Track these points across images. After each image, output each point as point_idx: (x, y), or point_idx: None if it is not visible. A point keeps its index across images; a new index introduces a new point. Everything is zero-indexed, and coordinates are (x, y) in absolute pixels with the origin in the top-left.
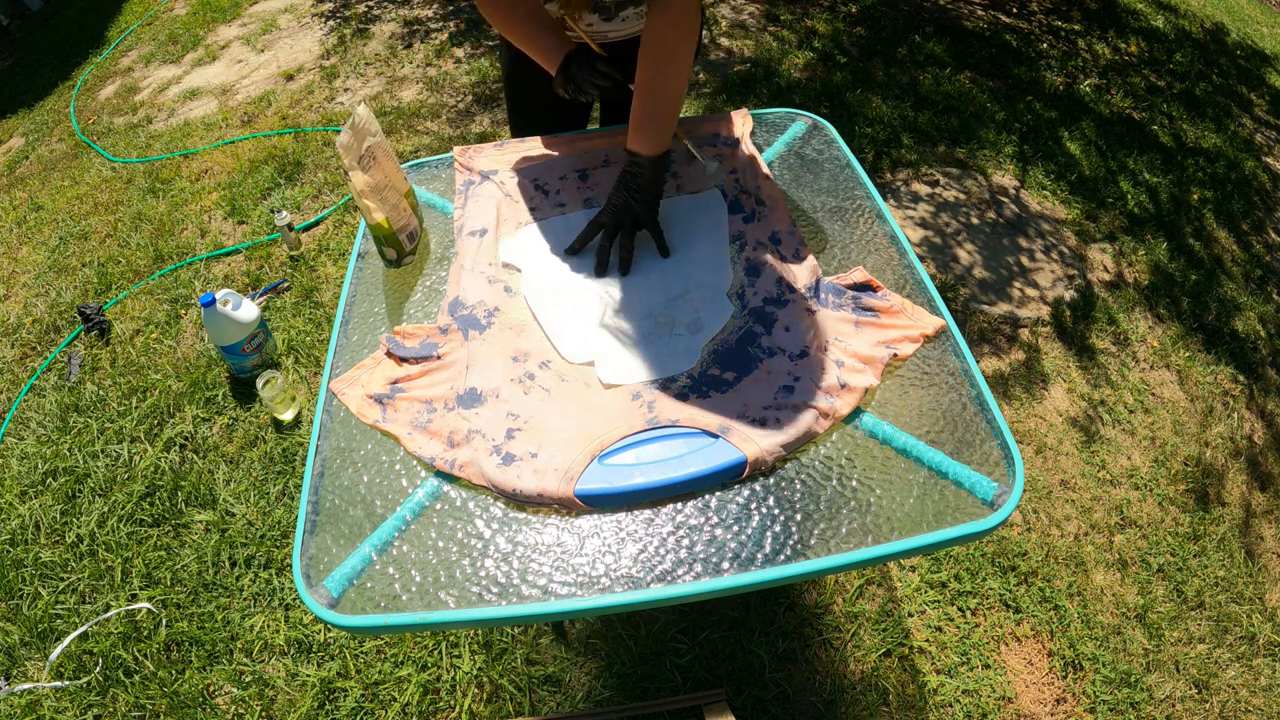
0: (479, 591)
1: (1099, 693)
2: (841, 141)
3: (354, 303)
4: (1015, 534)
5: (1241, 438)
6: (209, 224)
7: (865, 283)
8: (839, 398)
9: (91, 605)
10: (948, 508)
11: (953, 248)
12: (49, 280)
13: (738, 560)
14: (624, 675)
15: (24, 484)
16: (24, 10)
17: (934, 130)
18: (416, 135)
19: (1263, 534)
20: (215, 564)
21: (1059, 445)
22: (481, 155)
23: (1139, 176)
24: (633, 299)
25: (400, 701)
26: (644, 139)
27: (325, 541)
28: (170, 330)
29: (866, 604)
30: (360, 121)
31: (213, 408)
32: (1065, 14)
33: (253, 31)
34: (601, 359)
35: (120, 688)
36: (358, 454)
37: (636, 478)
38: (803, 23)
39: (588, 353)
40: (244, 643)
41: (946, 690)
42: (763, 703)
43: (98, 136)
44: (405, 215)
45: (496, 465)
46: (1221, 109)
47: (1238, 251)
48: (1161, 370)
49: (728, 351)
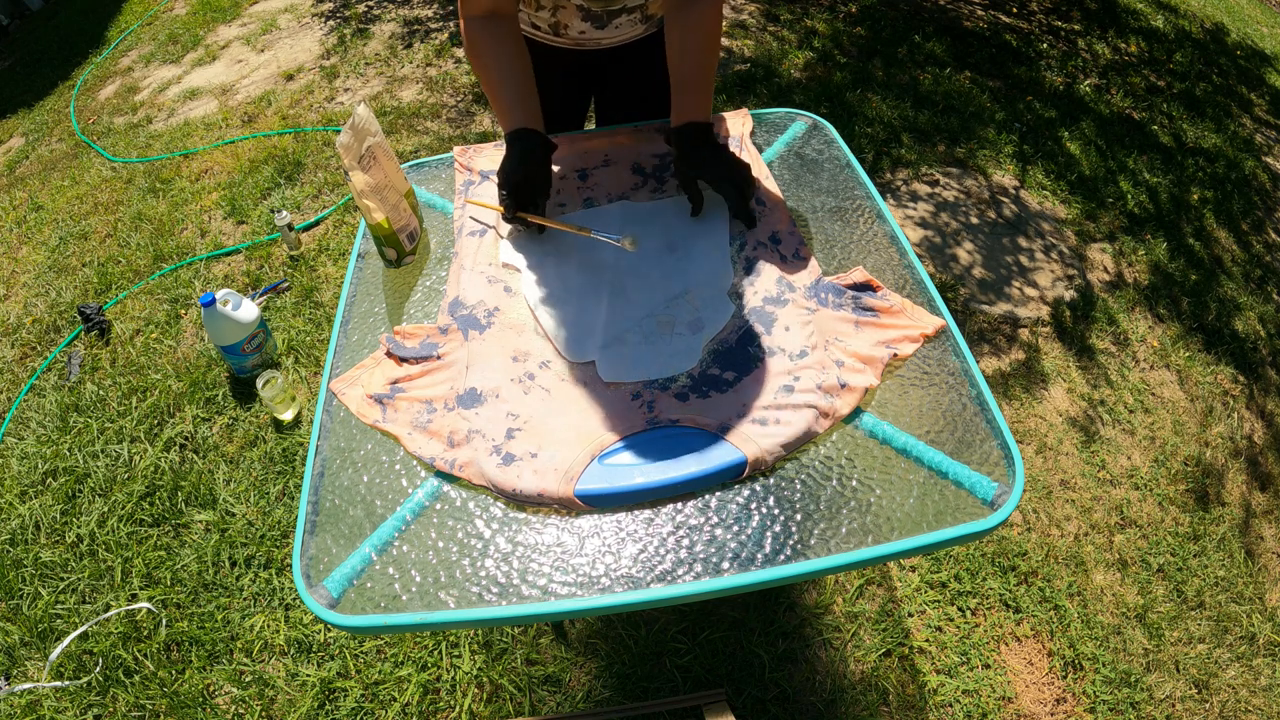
0: (479, 591)
1: (1099, 693)
2: (841, 141)
3: (354, 303)
4: (1015, 534)
5: (1241, 438)
6: (209, 224)
7: (865, 283)
8: (839, 398)
9: (91, 605)
10: (948, 508)
11: (952, 247)
12: (49, 280)
13: (738, 560)
14: (624, 675)
15: (24, 484)
16: (24, 10)
17: (934, 130)
18: (416, 135)
19: (1263, 534)
20: (215, 564)
21: (1059, 445)
22: (481, 155)
23: (1139, 176)
24: (634, 298)
25: (400, 701)
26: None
27: (325, 541)
28: (170, 330)
29: (866, 604)
30: (360, 121)
31: (213, 408)
32: (1065, 14)
33: (253, 31)
34: (602, 357)
35: (120, 688)
36: (358, 454)
37: (636, 478)
38: (802, 22)
39: (588, 351)
40: (244, 643)
41: (946, 690)
42: (763, 703)
43: (98, 136)
44: (405, 215)
45: (496, 465)
46: (1221, 109)
47: (1238, 251)
48: (1161, 370)
49: (728, 351)
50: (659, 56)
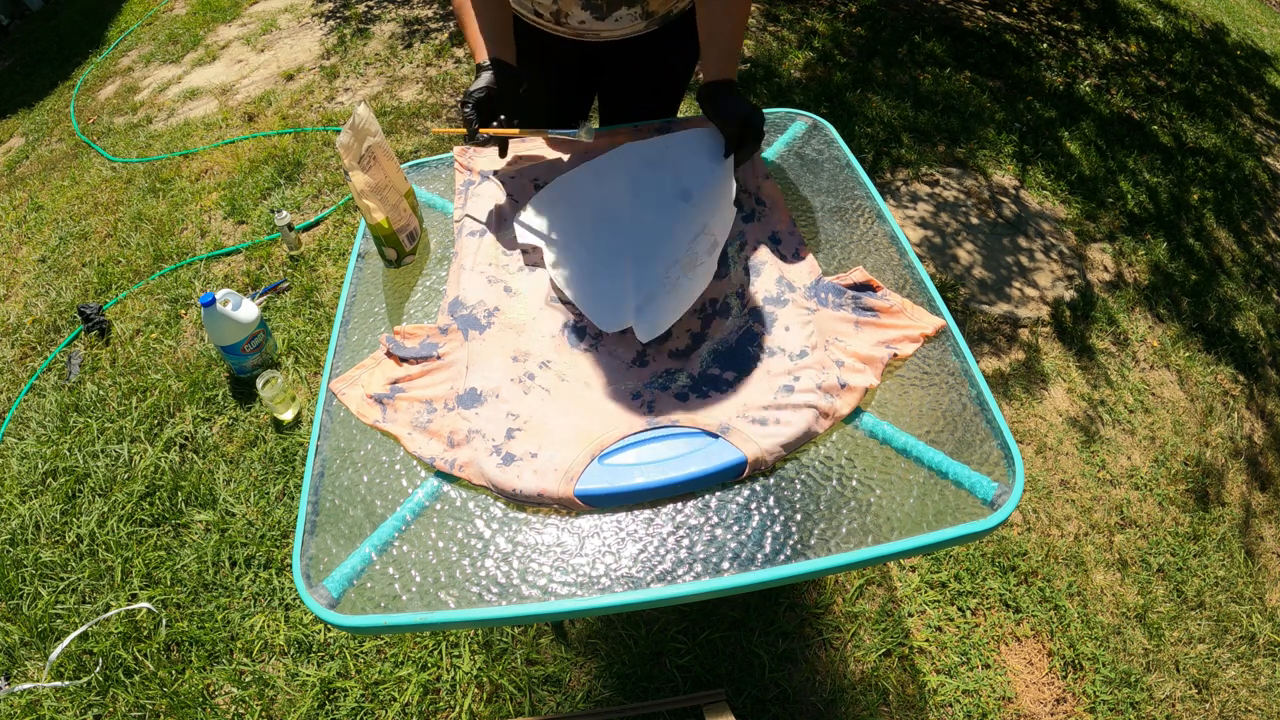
0: (479, 591)
1: (1099, 693)
2: (841, 141)
3: (354, 303)
4: (1015, 534)
5: (1241, 438)
6: (209, 224)
7: (865, 283)
8: (839, 398)
9: (91, 605)
10: (948, 508)
11: (952, 247)
12: (49, 280)
13: (738, 560)
14: (624, 675)
15: (24, 484)
16: (24, 10)
17: (934, 130)
18: (416, 135)
19: (1263, 534)
20: (215, 564)
21: (1059, 445)
22: (481, 155)
23: (1139, 176)
24: (658, 253)
25: (400, 701)
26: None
27: (325, 541)
28: (170, 330)
29: (866, 604)
30: (360, 121)
31: (213, 408)
32: (1065, 14)
33: (253, 31)
34: (637, 322)
35: (120, 688)
36: (358, 454)
37: (636, 478)
38: (802, 22)
39: (624, 319)
40: (244, 643)
41: (946, 690)
42: (763, 703)
43: (98, 136)
44: (405, 215)
45: (496, 465)
46: (1221, 109)
47: (1238, 251)
48: (1161, 370)
49: (728, 351)
50: (660, 56)
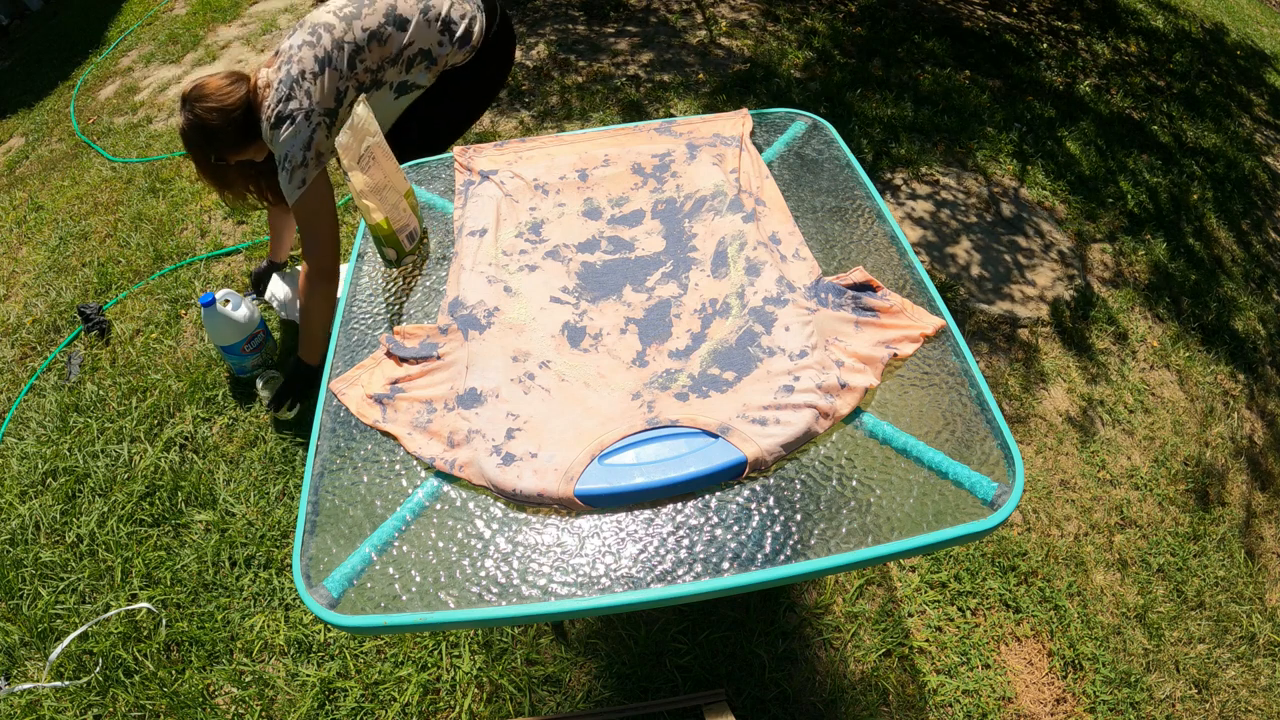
0: (479, 591)
1: (1099, 693)
2: (841, 141)
3: (354, 303)
4: (1015, 534)
5: (1241, 438)
6: (209, 224)
7: (865, 283)
8: (839, 398)
9: (91, 605)
10: (948, 508)
11: (952, 247)
12: (49, 280)
13: (738, 560)
14: (624, 675)
15: (24, 484)
16: (24, 10)
17: (933, 129)
18: None
19: (1263, 534)
20: (215, 564)
21: (1059, 445)
22: (481, 155)
23: (1138, 176)
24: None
25: (400, 701)
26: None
27: (325, 541)
28: (170, 330)
29: (866, 604)
30: (360, 122)
31: (213, 408)
32: (1065, 14)
33: (253, 32)
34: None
35: (120, 688)
36: (358, 454)
37: (636, 478)
38: (802, 22)
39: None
40: (244, 643)
41: (946, 690)
42: (763, 703)
43: (98, 136)
44: (405, 215)
45: (496, 465)
46: (1221, 109)
47: (1237, 251)
48: (1161, 370)
49: (728, 351)
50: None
